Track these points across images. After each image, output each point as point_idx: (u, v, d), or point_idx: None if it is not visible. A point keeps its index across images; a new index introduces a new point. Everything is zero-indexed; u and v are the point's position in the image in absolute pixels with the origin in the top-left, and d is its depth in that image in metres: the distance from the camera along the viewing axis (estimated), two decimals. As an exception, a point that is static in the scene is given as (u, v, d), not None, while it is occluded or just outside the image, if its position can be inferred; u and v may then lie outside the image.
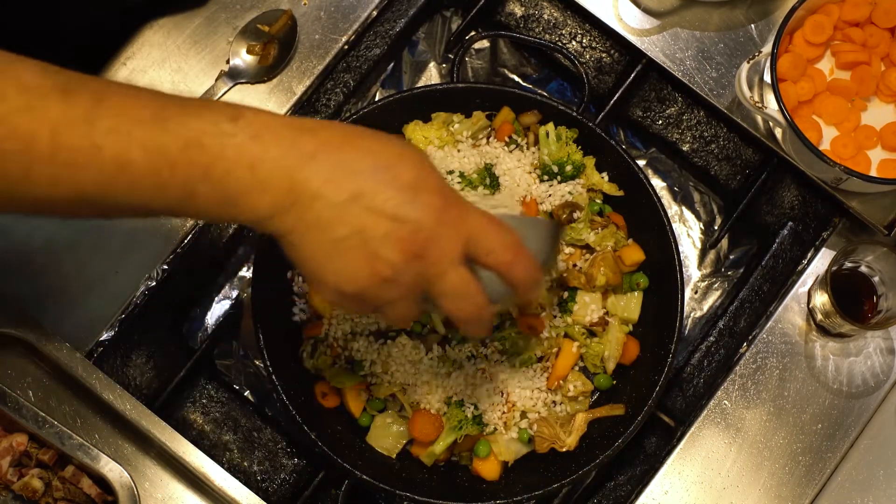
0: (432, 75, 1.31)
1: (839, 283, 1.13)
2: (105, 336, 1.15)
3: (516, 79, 1.32)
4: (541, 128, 1.16)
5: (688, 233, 1.27)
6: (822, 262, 1.20)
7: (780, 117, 1.12)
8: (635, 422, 1.09)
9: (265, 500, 1.09)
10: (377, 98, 1.29)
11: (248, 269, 1.23)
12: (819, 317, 1.17)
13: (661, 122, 1.26)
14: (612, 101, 1.23)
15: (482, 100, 1.18)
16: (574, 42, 1.27)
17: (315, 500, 1.15)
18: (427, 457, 1.11)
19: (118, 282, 1.17)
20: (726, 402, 1.17)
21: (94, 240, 1.17)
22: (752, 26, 1.25)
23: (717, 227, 1.27)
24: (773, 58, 1.13)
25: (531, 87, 1.31)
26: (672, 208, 1.27)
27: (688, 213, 1.27)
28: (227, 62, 1.23)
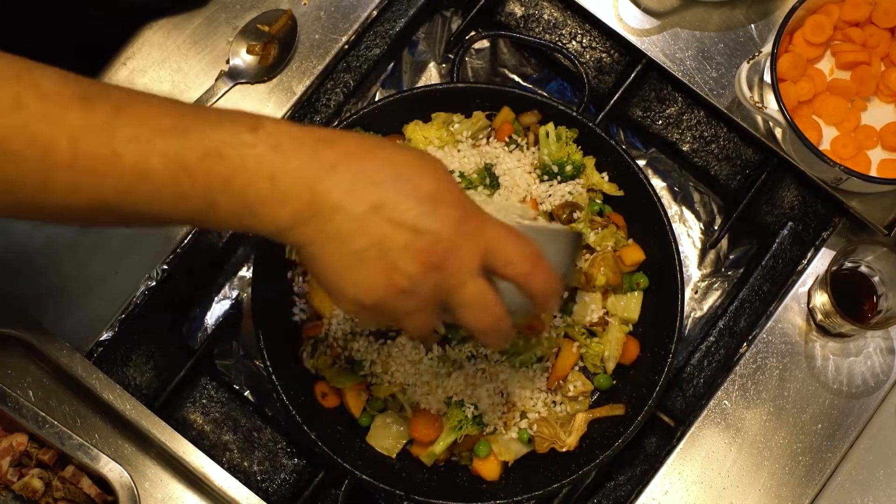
0: (432, 75, 1.31)
1: (839, 283, 1.13)
2: (105, 336, 1.15)
3: (516, 79, 1.32)
4: (541, 128, 1.16)
5: (688, 233, 1.27)
6: (822, 262, 1.20)
7: (780, 117, 1.12)
8: (635, 422, 1.09)
9: (265, 500, 1.09)
10: (377, 98, 1.29)
11: (248, 269, 1.23)
12: (819, 317, 1.17)
13: (661, 122, 1.26)
14: (612, 101, 1.23)
15: (482, 100, 1.18)
16: (574, 42, 1.27)
17: (315, 500, 1.15)
18: (427, 457, 1.11)
19: (118, 282, 1.17)
20: (726, 402, 1.17)
21: (94, 240, 1.17)
22: (752, 26, 1.25)
23: (717, 227, 1.27)
24: (773, 58, 1.13)
25: (531, 87, 1.30)
26: (672, 208, 1.27)
27: (688, 213, 1.27)
28: (227, 62, 1.23)
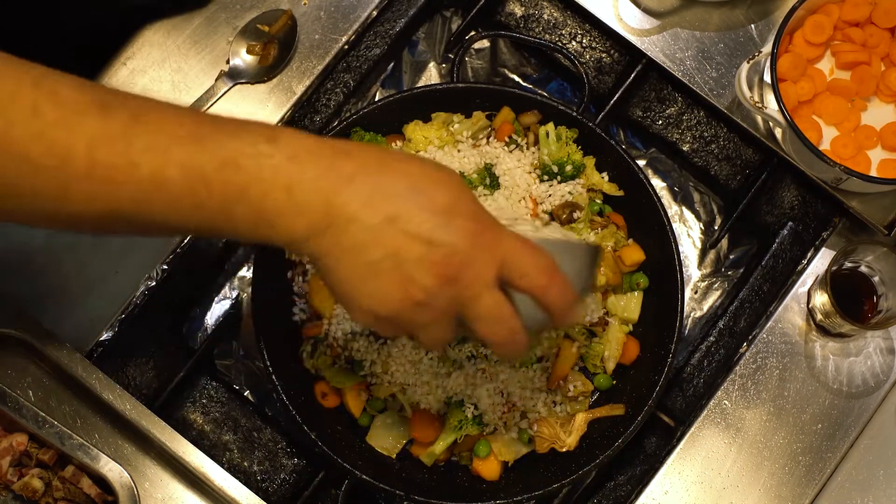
0: (432, 75, 1.31)
1: (839, 283, 1.13)
2: (105, 336, 1.15)
3: (516, 79, 1.32)
4: (541, 128, 1.16)
5: (688, 233, 1.27)
6: (822, 262, 1.20)
7: (780, 117, 1.12)
8: (635, 422, 1.09)
9: (265, 500, 1.09)
10: (377, 98, 1.29)
11: (248, 269, 1.23)
12: (819, 317, 1.17)
13: (661, 122, 1.26)
14: (612, 101, 1.23)
15: (482, 100, 1.18)
16: (574, 42, 1.27)
17: (315, 500, 1.15)
18: (427, 457, 1.11)
19: (118, 282, 1.16)
20: (726, 402, 1.17)
21: (94, 240, 1.17)
22: (752, 26, 1.25)
23: (717, 227, 1.27)
24: (773, 58, 1.13)
25: (531, 87, 1.30)
26: (672, 208, 1.27)
27: (688, 213, 1.27)
28: (227, 62, 1.23)
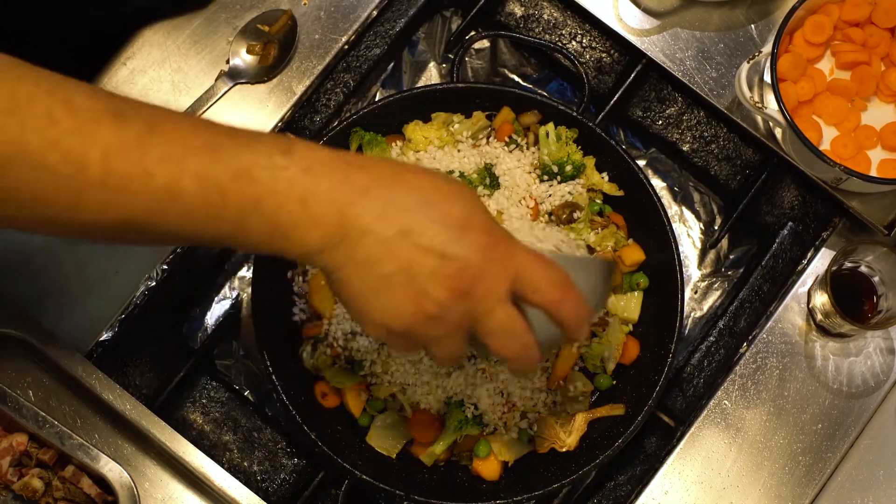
0: (432, 75, 1.31)
1: (839, 283, 1.13)
2: (105, 336, 1.15)
3: (516, 79, 1.32)
4: (541, 128, 1.16)
5: (688, 233, 1.27)
6: (822, 262, 1.20)
7: (780, 117, 1.12)
8: (635, 422, 1.09)
9: (265, 500, 1.09)
10: (377, 98, 1.29)
11: (248, 269, 1.23)
12: (819, 317, 1.17)
13: (661, 122, 1.26)
14: (612, 101, 1.23)
15: (482, 100, 1.18)
16: (574, 42, 1.27)
17: (315, 500, 1.15)
18: (427, 457, 1.11)
19: (118, 282, 1.16)
20: (726, 402, 1.17)
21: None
22: (752, 26, 1.25)
23: (717, 227, 1.27)
24: (773, 58, 1.13)
25: (531, 87, 1.30)
26: (672, 208, 1.27)
27: (688, 213, 1.27)
28: (227, 62, 1.23)
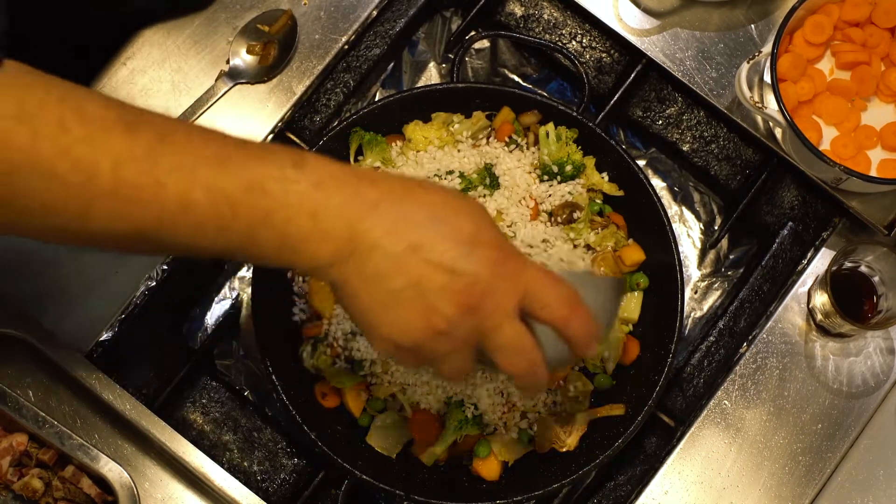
0: (432, 75, 1.31)
1: (839, 283, 1.13)
2: (105, 336, 1.15)
3: (516, 79, 1.32)
4: (541, 128, 1.16)
5: (688, 233, 1.27)
6: (822, 262, 1.20)
7: (780, 117, 1.12)
8: (635, 422, 1.09)
9: (265, 500, 1.09)
10: (377, 98, 1.29)
11: (248, 269, 1.23)
12: (819, 317, 1.17)
13: (661, 122, 1.26)
14: (612, 101, 1.23)
15: (482, 100, 1.18)
16: (574, 42, 1.27)
17: (315, 500, 1.15)
18: (427, 457, 1.11)
19: (118, 282, 1.16)
20: (726, 402, 1.17)
21: (94, 240, 1.17)
22: (752, 26, 1.25)
23: (717, 227, 1.27)
24: (773, 58, 1.13)
25: (531, 87, 1.30)
26: (672, 208, 1.27)
27: (688, 213, 1.27)
28: (227, 62, 1.23)
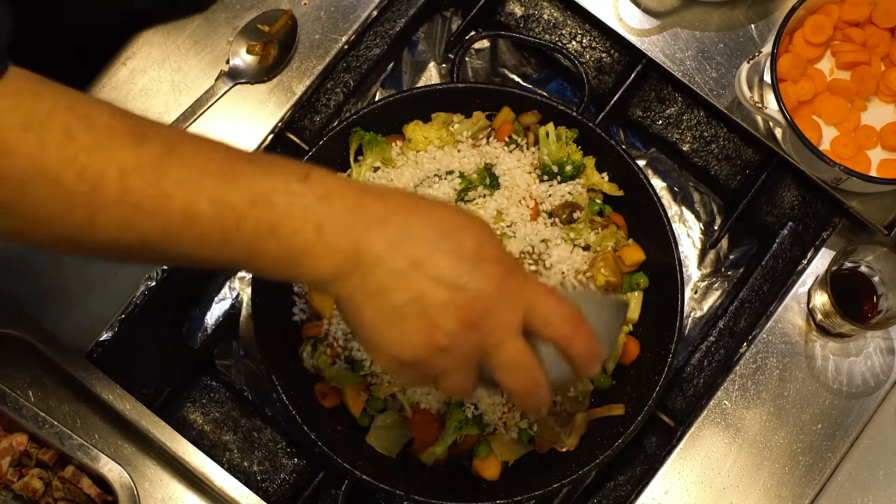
0: (432, 75, 1.31)
1: (839, 283, 1.13)
2: (105, 336, 1.15)
3: (516, 79, 1.32)
4: (541, 128, 1.16)
5: (688, 233, 1.27)
6: (822, 262, 1.20)
7: (780, 117, 1.12)
8: (635, 422, 1.09)
9: (265, 500, 1.09)
10: (377, 98, 1.29)
11: (248, 269, 1.23)
12: (819, 317, 1.17)
13: (661, 122, 1.26)
14: (612, 101, 1.23)
15: (482, 100, 1.18)
16: (574, 42, 1.27)
17: (315, 500, 1.15)
18: (427, 457, 1.11)
19: (118, 282, 1.16)
20: (726, 402, 1.17)
21: (94, 240, 1.17)
22: (752, 26, 1.25)
23: (717, 227, 1.27)
24: (773, 58, 1.13)
25: (531, 87, 1.30)
26: (672, 208, 1.27)
27: (688, 213, 1.27)
28: (227, 62, 1.23)
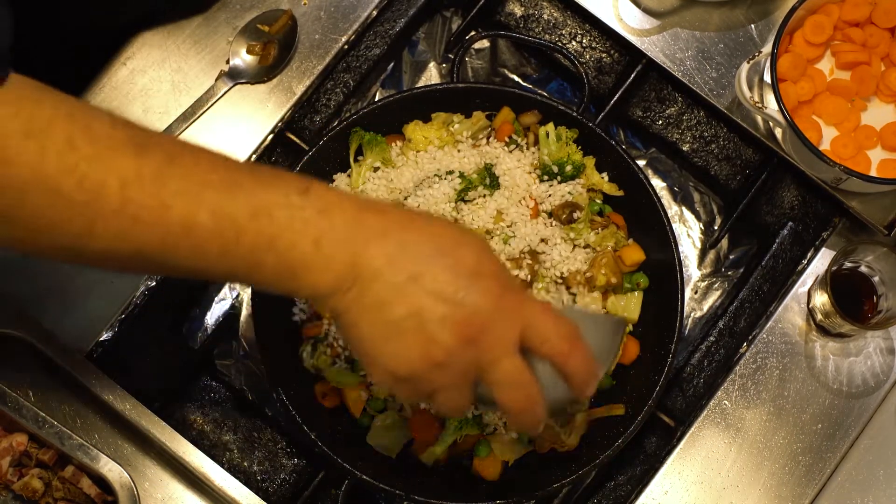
0: (432, 75, 1.31)
1: (839, 283, 1.13)
2: (105, 336, 1.15)
3: (516, 79, 1.32)
4: (541, 128, 1.16)
5: (688, 233, 1.27)
6: (822, 262, 1.20)
7: (780, 117, 1.12)
8: (635, 422, 1.09)
9: (265, 500, 1.09)
10: (377, 98, 1.29)
11: (248, 269, 1.23)
12: (819, 317, 1.17)
13: (661, 122, 1.26)
14: (612, 101, 1.23)
15: (482, 100, 1.18)
16: (574, 42, 1.27)
17: (315, 500, 1.15)
18: (427, 457, 1.11)
19: (118, 282, 1.16)
20: (726, 402, 1.17)
21: (94, 240, 1.17)
22: (752, 26, 1.25)
23: (717, 227, 1.27)
24: (773, 58, 1.13)
25: (531, 87, 1.30)
26: (672, 208, 1.27)
27: (688, 213, 1.27)
28: (227, 62, 1.23)
